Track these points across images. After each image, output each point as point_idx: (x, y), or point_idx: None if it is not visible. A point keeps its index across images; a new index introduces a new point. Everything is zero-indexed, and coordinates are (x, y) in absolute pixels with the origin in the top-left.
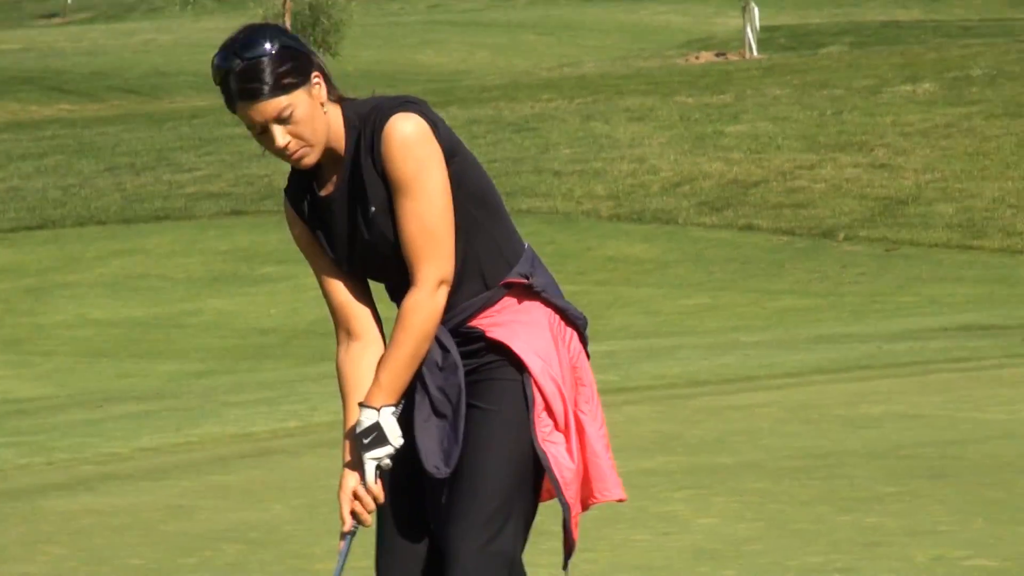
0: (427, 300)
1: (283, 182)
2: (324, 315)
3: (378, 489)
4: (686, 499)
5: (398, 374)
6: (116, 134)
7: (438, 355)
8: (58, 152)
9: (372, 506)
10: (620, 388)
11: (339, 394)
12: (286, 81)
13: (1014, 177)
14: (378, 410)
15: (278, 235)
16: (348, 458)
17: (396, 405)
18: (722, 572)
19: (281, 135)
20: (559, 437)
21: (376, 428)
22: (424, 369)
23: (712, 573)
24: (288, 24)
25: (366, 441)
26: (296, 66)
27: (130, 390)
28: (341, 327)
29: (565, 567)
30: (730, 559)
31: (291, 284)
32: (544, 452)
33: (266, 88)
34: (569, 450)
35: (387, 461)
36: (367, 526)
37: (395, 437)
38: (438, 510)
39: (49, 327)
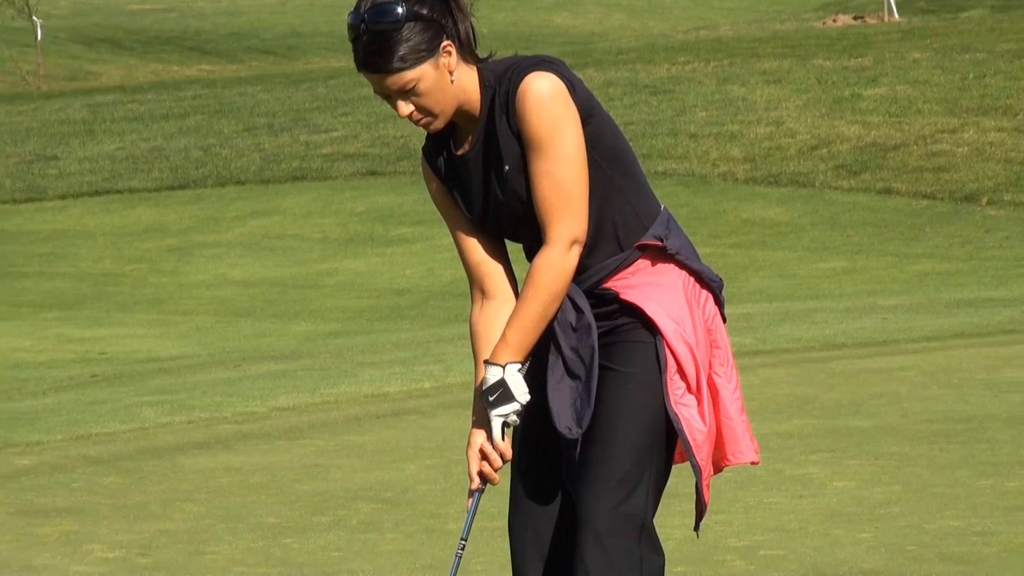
0: (558, 259)
1: (419, 143)
2: (460, 276)
3: (505, 446)
4: (822, 462)
5: (525, 332)
6: (254, 95)
7: (572, 316)
8: (199, 112)
9: (499, 463)
10: (756, 351)
11: (472, 354)
12: (412, 55)
13: None
14: (503, 367)
15: (414, 196)
16: (476, 416)
17: (523, 363)
18: (857, 535)
19: (404, 106)
20: (691, 399)
21: (501, 385)
22: (558, 330)
23: (847, 536)
24: None
25: (491, 398)
26: (424, 38)
27: (267, 349)
28: (475, 285)
29: (697, 529)
30: (866, 522)
31: (427, 245)
32: (676, 414)
33: (390, 64)
34: (701, 412)
35: (514, 418)
36: (495, 484)
37: (521, 394)
38: (572, 471)
39: (190, 286)
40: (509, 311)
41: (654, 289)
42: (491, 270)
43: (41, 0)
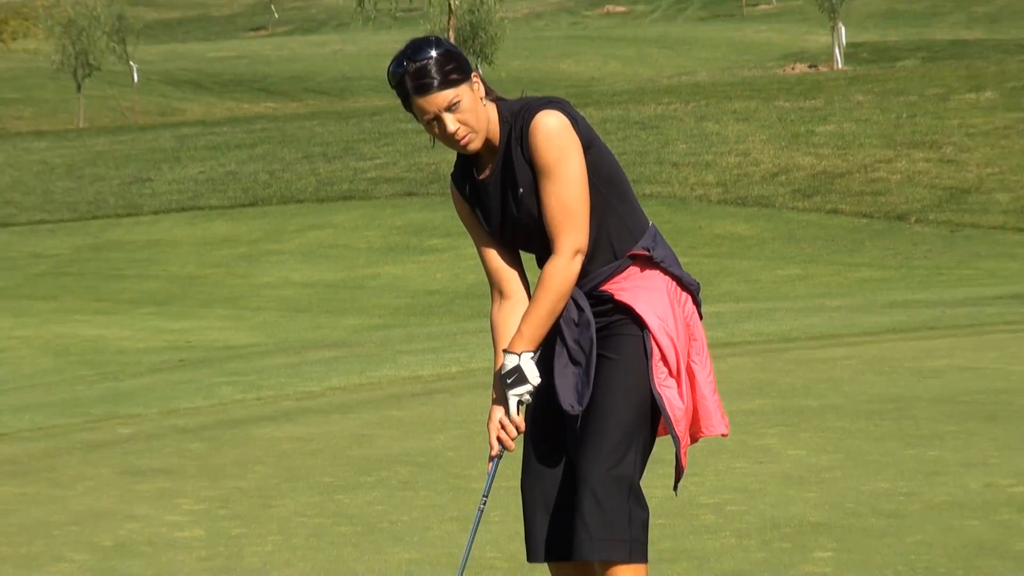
0: (565, 266)
1: (447, 170)
2: (481, 280)
3: (519, 420)
4: (778, 434)
5: (537, 326)
6: (311, 128)
7: (575, 313)
8: (265, 143)
9: (514, 434)
10: (725, 343)
11: (492, 343)
12: (452, 77)
13: None
14: (519, 355)
15: (443, 213)
16: (495, 395)
17: (535, 352)
18: (806, 495)
19: (452, 122)
20: (672, 382)
21: (517, 370)
22: (563, 324)
23: (798, 495)
24: (452, 37)
25: (509, 381)
26: (458, 66)
27: (322, 339)
28: (495, 288)
29: (675, 489)
30: (813, 484)
31: (453, 254)
32: (659, 394)
33: (436, 82)
34: (680, 393)
35: (527, 397)
36: (511, 451)
37: (533, 377)
38: (573, 441)
39: (259, 287)
40: (523, 309)
41: (643, 292)
42: (508, 275)
43: (137, 48)
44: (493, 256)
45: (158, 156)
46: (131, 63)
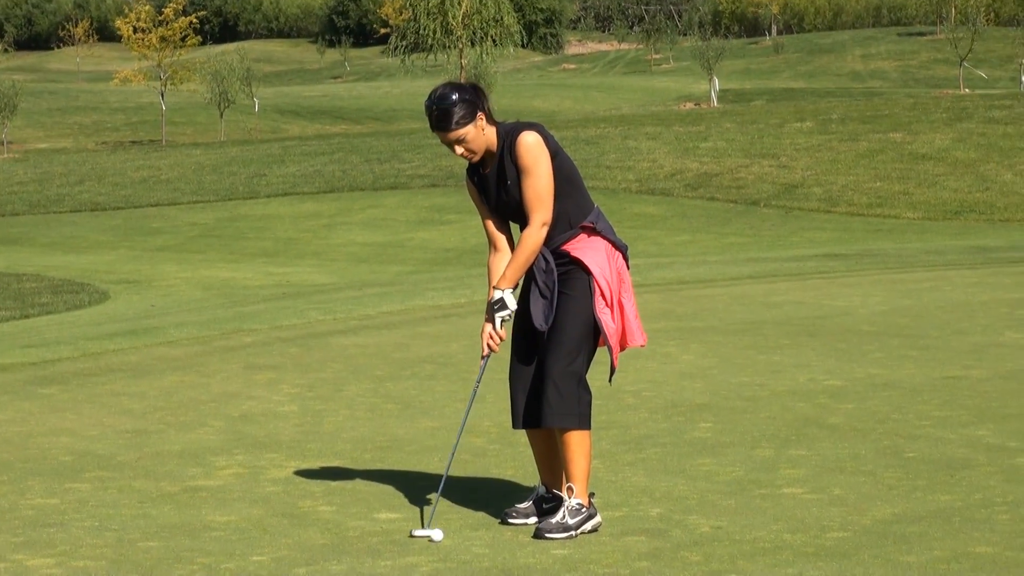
0: (535, 232)
1: (461, 170)
2: (479, 243)
3: (502, 332)
4: (676, 345)
5: (516, 271)
6: (369, 142)
7: (543, 263)
8: (339, 151)
9: (498, 342)
10: (641, 284)
11: (486, 282)
12: (461, 121)
13: (854, 173)
14: (503, 291)
15: (456, 198)
16: (487, 316)
17: (514, 288)
18: (694, 385)
19: (459, 149)
20: (607, 310)
21: (501, 300)
22: (535, 270)
23: (689, 385)
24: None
25: (496, 307)
26: (468, 111)
27: (376, 280)
28: (490, 244)
29: (610, 381)
30: (698, 377)
31: (462, 225)
32: (599, 318)
33: (450, 126)
34: (613, 317)
35: (507, 317)
36: (496, 353)
37: (512, 305)
38: (542, 347)
39: (335, 245)
40: (507, 258)
41: (589, 250)
42: (499, 236)
43: (258, 89)
44: (490, 224)
45: (270, 159)
46: (254, 99)
